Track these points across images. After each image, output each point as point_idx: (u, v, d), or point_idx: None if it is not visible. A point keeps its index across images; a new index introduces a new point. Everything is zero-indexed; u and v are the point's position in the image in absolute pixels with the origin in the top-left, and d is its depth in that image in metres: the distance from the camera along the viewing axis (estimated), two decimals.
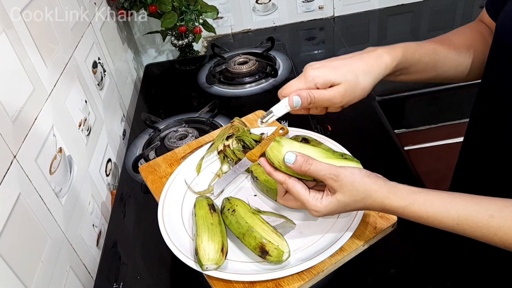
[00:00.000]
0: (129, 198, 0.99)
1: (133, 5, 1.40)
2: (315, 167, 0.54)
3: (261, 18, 1.69)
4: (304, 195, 0.55)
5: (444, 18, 1.61)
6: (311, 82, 0.59)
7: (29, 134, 0.71)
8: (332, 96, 0.59)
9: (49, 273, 0.70)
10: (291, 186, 0.56)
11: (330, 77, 0.59)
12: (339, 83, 0.59)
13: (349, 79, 0.59)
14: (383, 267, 0.75)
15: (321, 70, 0.59)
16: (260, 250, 0.62)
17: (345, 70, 0.59)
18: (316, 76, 0.59)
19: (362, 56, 0.61)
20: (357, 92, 0.60)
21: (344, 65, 0.60)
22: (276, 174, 0.56)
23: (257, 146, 0.81)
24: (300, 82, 0.60)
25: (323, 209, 0.55)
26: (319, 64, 0.60)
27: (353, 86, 0.59)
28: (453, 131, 1.27)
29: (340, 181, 0.53)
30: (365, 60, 0.60)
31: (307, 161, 0.54)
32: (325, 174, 0.53)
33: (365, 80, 0.59)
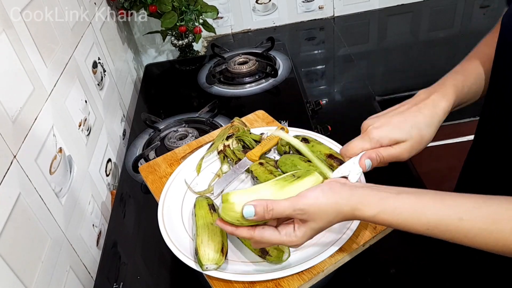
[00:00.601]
0: (129, 198, 0.99)
1: (133, 5, 1.40)
2: (278, 211, 0.52)
3: (261, 18, 1.69)
4: (276, 238, 0.54)
5: (444, 18, 1.61)
6: (376, 143, 0.60)
7: (29, 134, 0.71)
8: (399, 153, 0.60)
9: (49, 273, 0.70)
10: (259, 238, 0.54)
11: (395, 136, 0.59)
12: (405, 140, 0.59)
13: (413, 135, 0.59)
14: (383, 267, 0.75)
15: (384, 130, 0.60)
16: (260, 250, 0.62)
17: (408, 127, 0.59)
18: (381, 137, 0.59)
19: (419, 107, 0.61)
20: (422, 145, 0.60)
21: (405, 121, 0.60)
22: (240, 231, 0.55)
23: (257, 146, 0.81)
24: (365, 142, 0.60)
25: (299, 240, 0.54)
26: (380, 123, 0.60)
27: (418, 140, 0.60)
28: (453, 131, 1.27)
29: (307, 212, 0.52)
30: (424, 112, 0.60)
31: (267, 208, 0.52)
32: (290, 213, 0.52)
33: (428, 132, 0.60)
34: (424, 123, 0.60)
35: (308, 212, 0.52)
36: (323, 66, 1.48)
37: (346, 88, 1.34)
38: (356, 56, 1.45)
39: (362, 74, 1.36)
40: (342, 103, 1.28)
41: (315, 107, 1.15)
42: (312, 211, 0.52)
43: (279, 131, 0.80)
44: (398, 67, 1.39)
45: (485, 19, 1.57)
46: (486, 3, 1.63)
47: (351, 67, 1.42)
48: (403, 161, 0.61)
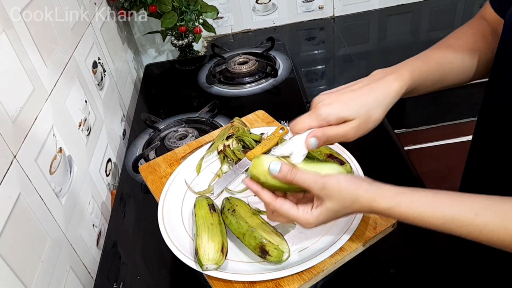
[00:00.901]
0: (129, 198, 0.99)
1: (133, 5, 1.40)
2: (301, 176, 0.54)
3: (261, 18, 1.69)
4: (293, 212, 0.56)
5: (444, 18, 1.61)
6: (324, 120, 0.59)
7: (29, 134, 0.71)
8: (346, 132, 0.59)
9: (49, 273, 0.70)
10: (278, 207, 0.56)
11: (343, 114, 0.59)
12: (352, 118, 0.59)
13: (361, 115, 0.59)
14: (383, 267, 0.75)
15: (333, 107, 0.59)
16: (260, 250, 0.62)
17: (357, 105, 0.59)
18: (328, 113, 0.59)
19: (371, 86, 0.61)
20: (369, 125, 0.60)
21: (355, 99, 0.59)
22: (263, 194, 0.57)
23: (257, 146, 0.81)
24: (312, 119, 0.60)
25: (314, 220, 0.55)
26: (330, 99, 0.60)
27: (365, 120, 0.59)
28: (453, 131, 1.27)
29: (326, 189, 0.53)
30: (375, 91, 0.60)
31: (291, 170, 0.55)
32: (310, 183, 0.54)
33: (377, 112, 0.60)
34: (374, 103, 0.59)
35: (328, 189, 0.53)
36: (323, 66, 1.48)
37: None
38: (356, 56, 1.45)
39: (362, 74, 1.34)
40: None
41: None
42: (332, 190, 0.53)
43: None
44: None
45: None
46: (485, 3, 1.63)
47: (351, 67, 1.41)
48: (348, 141, 0.61)
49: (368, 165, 0.72)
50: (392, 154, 0.99)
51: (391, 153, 0.99)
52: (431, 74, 0.64)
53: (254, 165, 0.57)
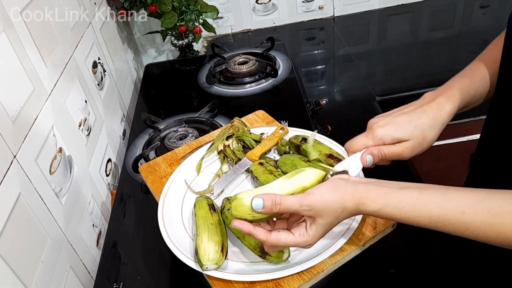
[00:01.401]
0: (129, 198, 0.99)
1: (133, 5, 1.40)
2: (285, 205, 0.54)
3: (261, 18, 1.69)
4: (291, 240, 0.55)
5: (444, 18, 1.61)
6: (380, 141, 0.61)
7: (29, 134, 0.71)
8: (401, 152, 0.61)
9: (49, 273, 0.70)
10: (275, 241, 0.55)
11: (397, 135, 0.60)
12: (407, 139, 0.60)
13: (416, 135, 0.60)
14: (383, 267, 0.75)
15: (388, 129, 0.61)
16: (260, 250, 0.62)
17: (411, 127, 0.60)
18: (384, 135, 0.61)
19: (424, 109, 0.62)
20: (424, 145, 0.61)
21: (409, 121, 0.61)
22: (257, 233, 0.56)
23: (257, 146, 0.81)
24: (368, 139, 0.62)
25: (311, 239, 0.55)
26: (384, 121, 0.62)
27: (420, 141, 0.60)
28: (453, 131, 1.27)
29: (314, 208, 0.53)
30: (429, 114, 0.61)
31: (275, 201, 0.54)
32: (296, 208, 0.54)
33: (431, 133, 0.61)
34: (428, 124, 0.61)
35: (315, 208, 0.53)
36: (323, 66, 1.48)
37: (346, 88, 1.34)
38: (356, 56, 1.45)
39: (362, 74, 1.36)
40: (342, 103, 1.28)
41: (315, 107, 1.15)
42: (319, 207, 0.53)
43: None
44: (398, 67, 1.39)
45: (485, 19, 1.57)
46: (486, 3, 1.63)
47: (351, 67, 1.42)
48: (404, 159, 0.62)
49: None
50: None
51: None
52: (478, 90, 0.65)
53: (235, 207, 0.56)
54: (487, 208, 0.48)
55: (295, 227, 0.56)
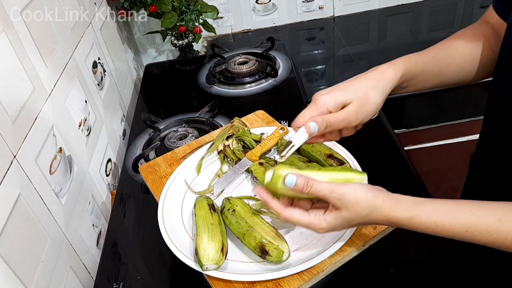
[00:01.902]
0: (129, 198, 0.99)
1: (133, 5, 1.40)
2: (316, 188, 0.53)
3: (261, 18, 1.69)
4: (304, 218, 0.55)
5: (444, 18, 1.61)
6: (323, 107, 0.60)
7: (29, 134, 0.71)
8: (346, 115, 0.60)
9: (49, 273, 0.70)
10: (289, 216, 0.55)
11: (340, 98, 0.60)
12: (350, 101, 0.60)
13: (358, 97, 0.59)
14: (383, 267, 0.75)
15: (330, 94, 0.60)
16: (260, 250, 0.62)
17: (353, 89, 0.60)
18: (326, 100, 0.60)
19: (366, 74, 0.62)
20: (369, 107, 0.60)
21: (351, 85, 0.61)
22: (272, 203, 0.56)
23: (257, 146, 0.81)
24: (312, 110, 0.61)
25: (327, 225, 0.55)
26: (327, 90, 0.62)
27: (364, 102, 0.60)
28: (453, 131, 1.27)
29: (343, 199, 0.53)
30: (370, 77, 0.61)
31: (307, 183, 0.53)
32: (326, 193, 0.53)
33: (374, 94, 0.60)
34: (370, 86, 0.60)
35: (345, 198, 0.53)
36: (323, 66, 1.48)
37: None
38: (356, 56, 1.45)
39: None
40: None
41: None
42: (349, 199, 0.53)
43: None
44: None
45: None
46: (486, 3, 1.63)
47: (351, 67, 1.41)
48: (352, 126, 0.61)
49: (368, 165, 0.72)
50: (392, 154, 0.99)
51: (391, 153, 0.99)
52: (428, 65, 0.64)
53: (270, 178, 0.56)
54: None
55: (313, 209, 0.56)
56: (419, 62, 0.64)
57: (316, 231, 0.56)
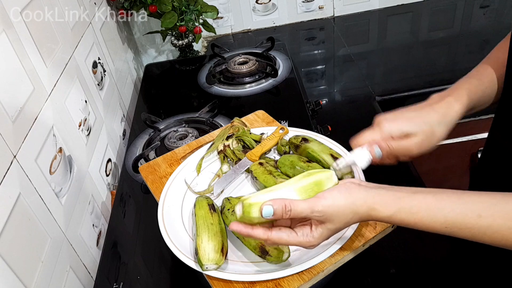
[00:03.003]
0: (129, 198, 0.99)
1: (133, 5, 1.40)
2: (296, 211, 0.52)
3: (261, 18, 1.69)
4: (294, 239, 0.54)
5: (444, 18, 1.61)
6: (387, 134, 0.60)
7: (29, 134, 0.71)
8: (409, 146, 0.60)
9: (49, 273, 0.70)
10: (277, 239, 0.54)
11: (406, 128, 0.60)
12: (415, 133, 0.60)
13: (425, 130, 0.60)
14: (383, 267, 0.75)
15: (396, 123, 0.60)
16: (260, 250, 0.62)
17: (420, 121, 0.60)
18: (391, 128, 0.60)
19: (433, 107, 0.62)
20: (433, 142, 0.60)
21: (418, 116, 0.61)
22: (256, 233, 0.54)
23: (257, 146, 0.81)
24: (375, 133, 0.61)
25: (316, 240, 0.54)
26: (392, 116, 0.61)
27: (429, 136, 0.60)
28: (453, 131, 1.27)
29: (325, 214, 0.52)
30: (438, 111, 0.61)
31: (285, 208, 0.52)
32: (307, 214, 0.52)
33: (440, 130, 0.60)
34: (437, 121, 0.60)
35: (327, 213, 0.52)
36: (323, 66, 1.48)
37: (346, 88, 1.34)
38: (356, 56, 1.45)
39: (362, 74, 1.36)
40: (342, 103, 1.28)
41: (315, 107, 1.15)
42: (330, 213, 0.52)
43: None
44: (398, 67, 1.39)
45: (485, 19, 1.57)
46: (486, 3, 1.63)
47: (351, 67, 1.42)
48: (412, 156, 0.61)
49: (368, 165, 0.72)
50: None
51: None
52: (486, 91, 0.65)
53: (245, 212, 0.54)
54: (504, 210, 0.47)
55: (299, 227, 0.55)
56: (480, 90, 0.64)
57: (306, 248, 0.56)
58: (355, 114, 1.19)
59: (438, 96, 0.64)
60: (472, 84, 0.64)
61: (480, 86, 0.64)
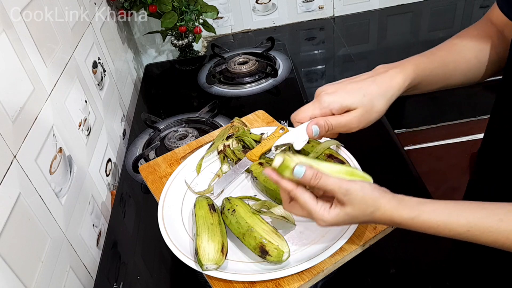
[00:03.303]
0: (129, 198, 0.99)
1: (133, 5, 1.40)
2: (324, 181, 0.53)
3: (261, 18, 1.69)
4: (312, 204, 0.54)
5: (444, 18, 1.61)
6: (326, 108, 0.59)
7: (29, 134, 0.71)
8: (349, 122, 0.59)
9: (49, 273, 0.70)
10: (299, 195, 0.54)
11: (346, 102, 0.59)
12: (355, 108, 0.59)
13: (364, 104, 0.59)
14: (383, 267, 0.75)
15: (336, 96, 0.59)
16: (260, 250, 0.62)
17: (360, 95, 0.59)
18: (331, 102, 0.59)
19: (375, 78, 0.61)
20: (372, 116, 0.60)
21: (358, 89, 0.59)
22: (284, 182, 0.55)
23: (257, 146, 0.81)
24: (315, 108, 0.60)
25: (330, 219, 0.54)
26: (333, 89, 0.60)
27: (368, 110, 0.59)
28: (453, 131, 1.27)
29: (350, 195, 0.52)
30: (379, 83, 0.60)
31: (316, 175, 0.53)
32: (334, 187, 0.53)
33: (380, 103, 0.59)
34: (377, 93, 0.59)
35: (351, 195, 0.52)
36: (323, 66, 1.48)
37: None
38: (356, 56, 1.45)
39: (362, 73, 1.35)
40: None
41: None
42: (355, 196, 0.52)
43: None
44: None
45: None
46: (486, 3, 1.63)
47: (351, 67, 1.41)
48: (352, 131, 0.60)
49: (368, 165, 0.72)
50: (392, 154, 0.99)
51: (391, 153, 0.99)
52: (435, 70, 0.64)
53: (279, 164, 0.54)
54: None
55: (321, 199, 0.55)
56: (427, 67, 0.63)
57: (317, 222, 0.55)
58: None
59: (383, 67, 0.63)
60: (420, 60, 0.63)
61: (429, 65, 0.63)
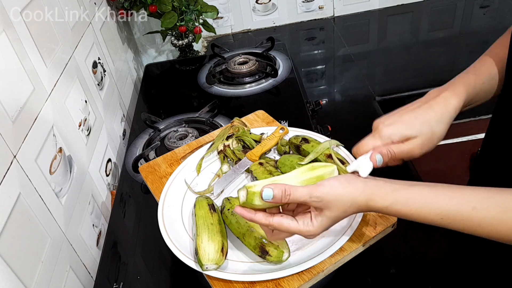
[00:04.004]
0: (129, 198, 0.99)
1: (133, 5, 1.40)
2: (295, 195, 0.54)
3: (261, 18, 1.69)
4: (294, 226, 0.55)
5: (444, 18, 1.61)
6: (387, 139, 0.60)
7: (29, 134, 0.71)
8: (411, 150, 0.60)
9: (49, 273, 0.70)
10: (277, 224, 0.55)
11: (405, 132, 0.60)
12: (415, 136, 0.60)
13: (424, 131, 0.60)
14: (383, 267, 0.75)
15: (395, 127, 0.60)
16: (260, 250, 0.62)
17: (419, 123, 0.60)
18: (391, 134, 0.60)
19: (430, 104, 0.61)
20: (434, 141, 0.61)
21: (415, 118, 0.60)
22: (258, 217, 0.55)
23: (257, 146, 0.81)
24: (376, 140, 0.61)
25: (316, 230, 0.55)
26: (390, 120, 0.61)
27: (429, 137, 0.60)
28: (452, 131, 1.27)
29: (323, 200, 0.53)
30: (435, 109, 0.61)
31: (285, 192, 0.53)
32: (306, 199, 0.53)
33: (439, 128, 0.60)
34: (435, 120, 0.60)
35: (324, 199, 0.53)
36: (323, 66, 1.48)
37: (346, 88, 1.34)
38: (356, 56, 1.45)
39: (362, 74, 1.36)
40: (342, 103, 1.28)
41: (315, 107, 1.15)
42: (328, 199, 0.53)
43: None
44: (398, 67, 1.39)
45: (485, 19, 1.57)
46: (486, 3, 1.63)
47: (351, 67, 1.42)
48: (415, 157, 0.61)
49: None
50: None
51: None
52: (483, 86, 0.65)
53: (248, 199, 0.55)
54: (497, 203, 0.48)
55: (300, 215, 0.56)
56: (477, 84, 0.64)
57: (306, 237, 0.56)
58: (355, 114, 1.18)
59: (435, 91, 0.63)
60: (469, 79, 0.64)
61: (478, 81, 0.64)
